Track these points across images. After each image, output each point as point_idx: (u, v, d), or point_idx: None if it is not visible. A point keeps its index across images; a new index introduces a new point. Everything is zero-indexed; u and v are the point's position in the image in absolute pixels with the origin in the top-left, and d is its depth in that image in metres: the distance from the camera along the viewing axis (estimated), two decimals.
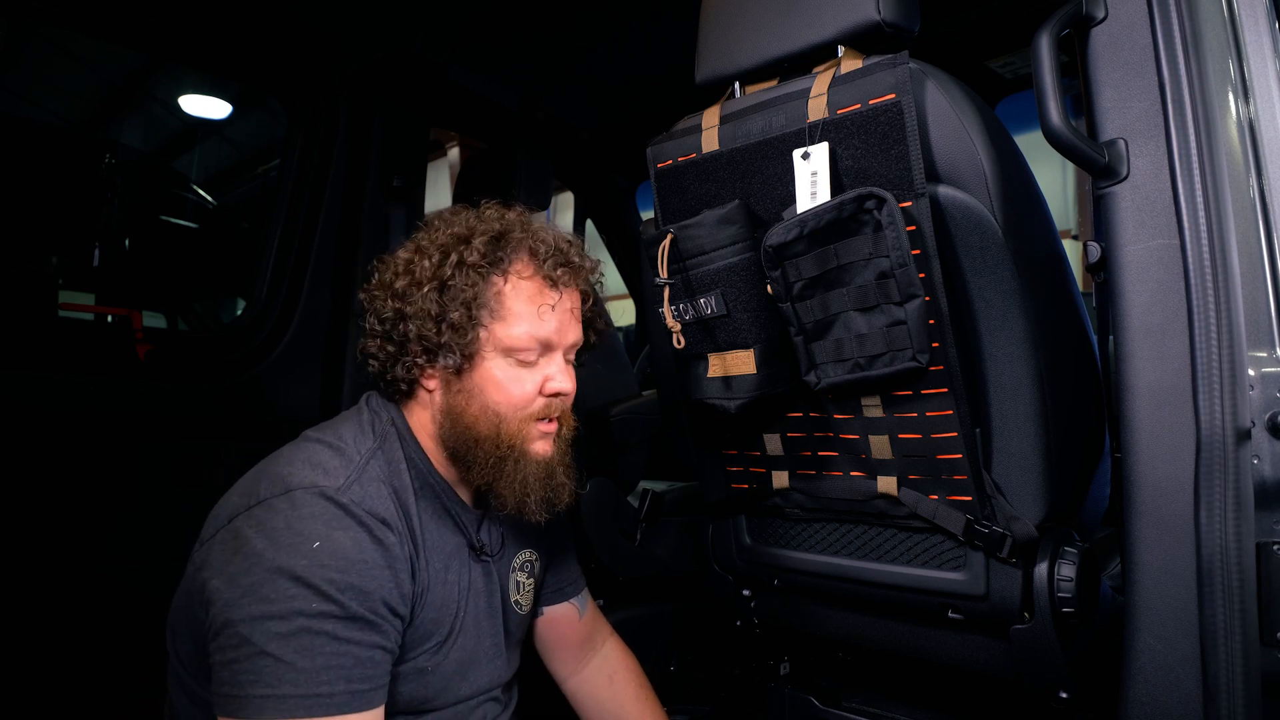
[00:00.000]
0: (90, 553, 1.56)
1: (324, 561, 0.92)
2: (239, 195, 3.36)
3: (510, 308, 1.06)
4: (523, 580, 1.26)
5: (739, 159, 1.22)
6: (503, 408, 1.07)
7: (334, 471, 1.01)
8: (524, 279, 1.08)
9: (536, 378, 1.09)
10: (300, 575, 0.90)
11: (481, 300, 1.05)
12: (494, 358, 1.07)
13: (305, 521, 0.95)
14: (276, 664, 0.88)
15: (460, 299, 1.04)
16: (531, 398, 1.09)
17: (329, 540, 0.94)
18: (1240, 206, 0.92)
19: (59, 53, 2.22)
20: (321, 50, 1.93)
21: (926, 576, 1.23)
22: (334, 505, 0.97)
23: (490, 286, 1.06)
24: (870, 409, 1.20)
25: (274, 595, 0.90)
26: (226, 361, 1.84)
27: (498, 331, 1.06)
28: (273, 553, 0.92)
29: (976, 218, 1.07)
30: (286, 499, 0.96)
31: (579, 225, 3.07)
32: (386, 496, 1.03)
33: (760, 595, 1.53)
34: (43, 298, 1.78)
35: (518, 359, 1.07)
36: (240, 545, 0.94)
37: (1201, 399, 0.87)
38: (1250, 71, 0.98)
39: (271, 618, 0.89)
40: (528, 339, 1.07)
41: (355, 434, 1.09)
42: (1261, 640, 0.87)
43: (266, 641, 0.88)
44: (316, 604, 0.90)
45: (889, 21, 1.09)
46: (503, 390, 1.07)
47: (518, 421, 1.08)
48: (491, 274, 1.06)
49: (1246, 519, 0.86)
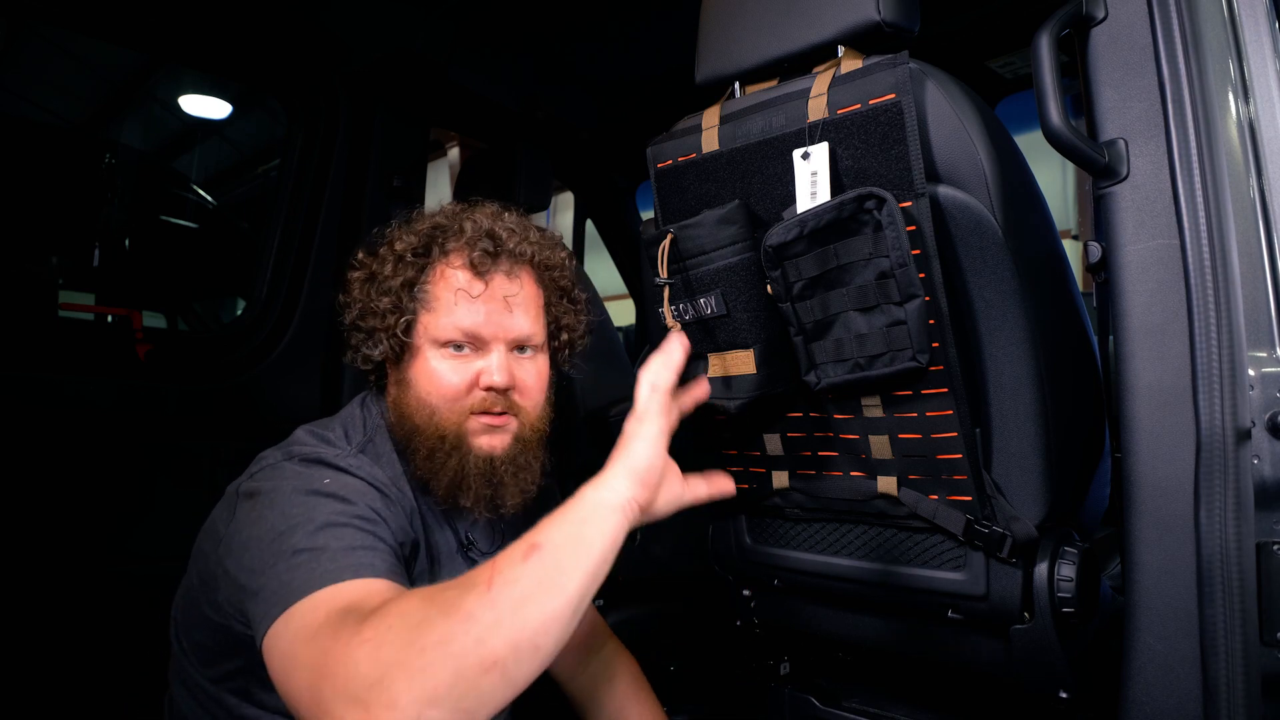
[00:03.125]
0: (91, 552, 1.56)
1: (337, 491, 0.94)
2: (239, 195, 3.36)
3: (437, 296, 1.08)
4: None
5: (739, 159, 1.22)
6: (434, 398, 1.07)
7: (334, 444, 1.04)
8: (453, 268, 1.09)
9: (469, 369, 1.08)
10: (318, 489, 0.93)
11: (413, 291, 1.07)
12: (427, 349, 1.08)
13: (313, 470, 0.98)
14: (311, 554, 0.86)
15: (390, 290, 1.07)
16: (463, 389, 1.07)
17: (338, 479, 0.97)
18: (1240, 206, 0.92)
19: (59, 53, 2.22)
20: (321, 50, 1.93)
21: (926, 576, 1.23)
22: (335, 469, 0.99)
23: (423, 277, 1.08)
24: (870, 409, 1.20)
25: (295, 509, 0.90)
26: (226, 361, 1.84)
27: (427, 322, 1.07)
28: (289, 484, 0.94)
29: (976, 218, 1.07)
30: (294, 461, 0.99)
31: (579, 225, 3.08)
32: (382, 478, 1.05)
33: (760, 595, 1.52)
34: (43, 298, 1.78)
35: (448, 352, 1.07)
36: (253, 492, 0.95)
37: (1201, 399, 0.87)
38: (1250, 71, 0.98)
39: (297, 526, 0.88)
40: (452, 329, 1.07)
41: (348, 427, 1.11)
42: (1261, 640, 0.87)
43: (299, 541, 0.87)
44: (338, 506, 0.92)
45: (889, 21, 1.09)
46: (433, 381, 1.07)
47: (453, 414, 1.07)
48: (425, 263, 1.08)
49: (1246, 519, 0.86)
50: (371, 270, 1.12)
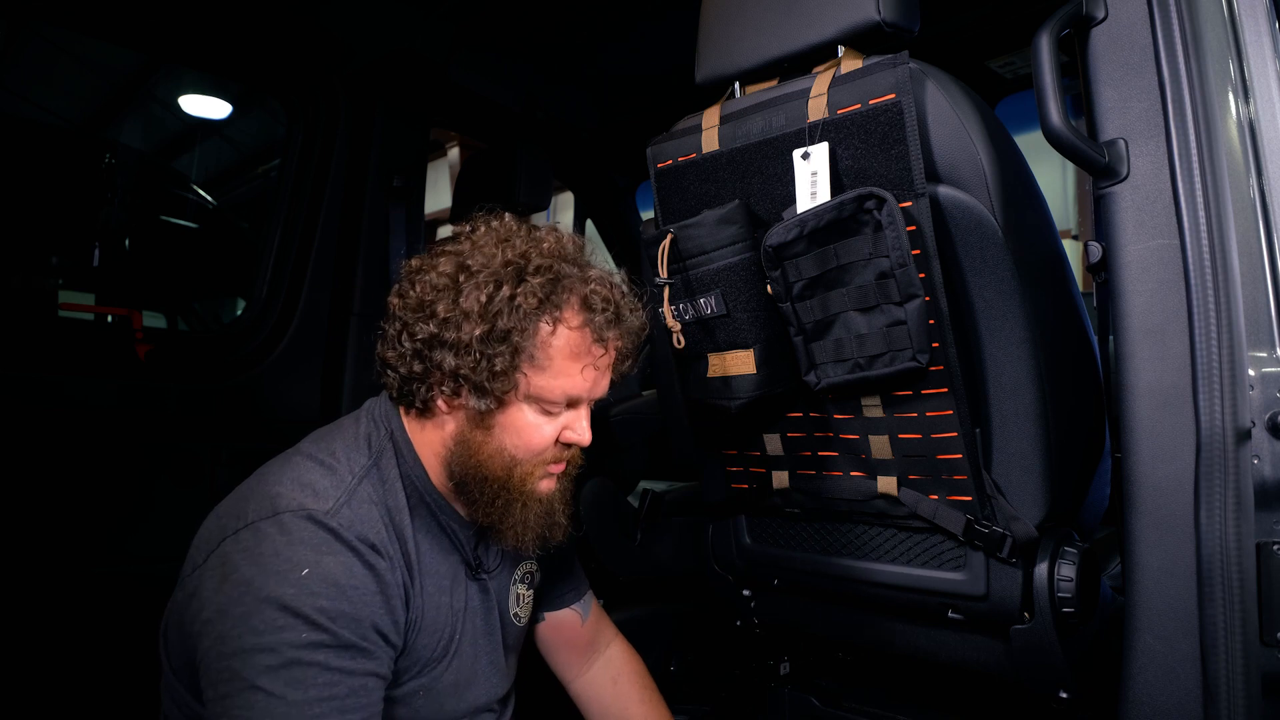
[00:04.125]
0: (90, 552, 1.56)
1: (314, 589, 0.89)
2: (239, 195, 3.36)
3: (553, 360, 1.00)
4: (522, 592, 1.24)
5: (739, 159, 1.22)
6: (520, 453, 1.04)
7: (324, 493, 0.97)
8: (572, 329, 1.01)
9: (557, 425, 1.05)
10: (289, 604, 0.88)
11: (526, 347, 0.99)
12: (521, 404, 1.02)
13: (294, 547, 0.91)
14: (268, 698, 0.85)
15: (508, 341, 0.98)
16: (548, 445, 1.05)
17: (318, 566, 0.91)
18: (1240, 206, 0.92)
19: (59, 53, 2.22)
20: (321, 50, 1.93)
21: (926, 576, 1.23)
22: (323, 529, 0.93)
23: (537, 333, 0.99)
24: (870, 409, 1.20)
25: (263, 626, 0.87)
26: (226, 361, 1.84)
27: (534, 379, 1.00)
28: (261, 580, 0.89)
29: (976, 218, 1.07)
30: (274, 523, 0.93)
31: (579, 225, 3.07)
32: (378, 519, 0.99)
33: (760, 595, 1.52)
34: (43, 298, 1.78)
35: (544, 408, 1.03)
36: (229, 572, 0.91)
37: (1201, 399, 0.87)
38: (1250, 71, 0.98)
39: (261, 650, 0.86)
40: (560, 393, 1.02)
41: (350, 448, 1.05)
42: (1261, 640, 0.87)
43: (257, 675, 0.86)
44: (307, 634, 0.88)
45: (889, 21, 1.09)
46: (523, 437, 1.03)
47: (533, 467, 1.05)
48: (539, 320, 0.99)
49: (1246, 519, 0.86)
50: (467, 307, 0.99)
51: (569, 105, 2.50)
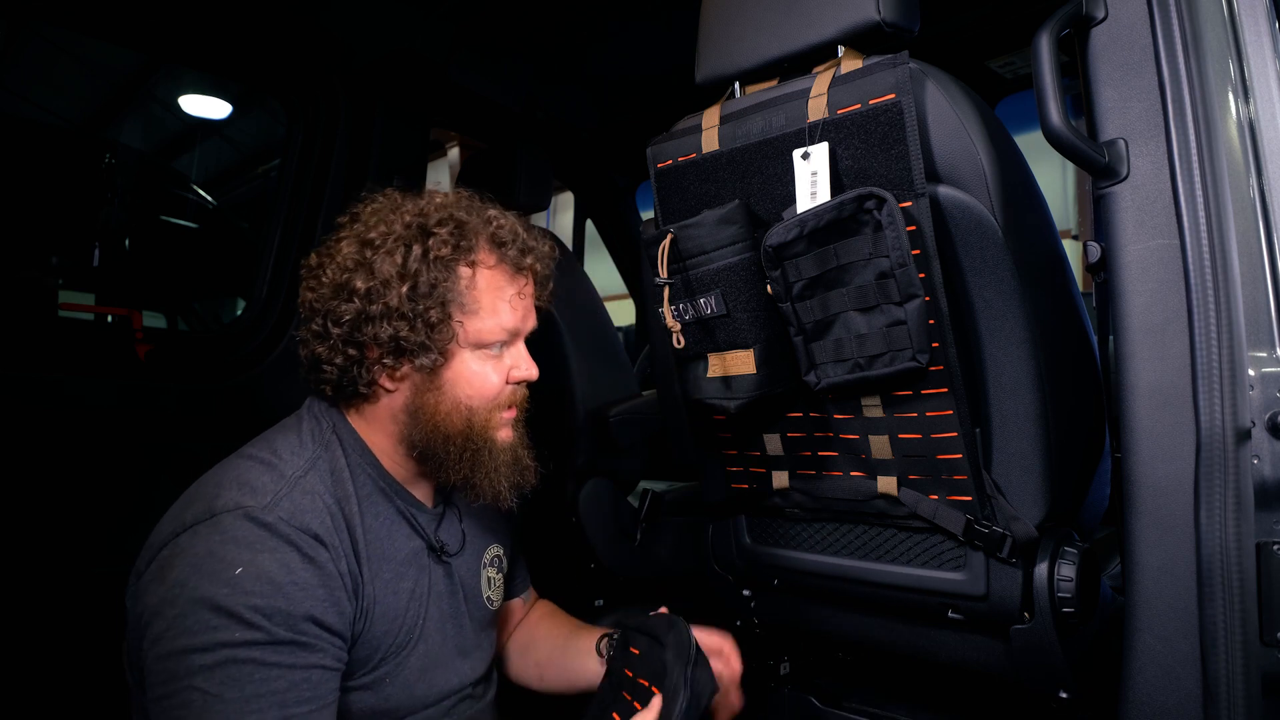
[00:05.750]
0: (90, 552, 1.56)
1: (247, 588, 0.89)
2: (239, 195, 3.36)
3: (481, 300, 1.04)
4: (493, 576, 1.25)
5: (739, 159, 1.22)
6: (475, 401, 1.05)
7: (261, 489, 0.96)
8: (490, 267, 1.05)
9: (503, 368, 1.07)
10: (221, 604, 0.87)
11: (452, 295, 1.02)
12: (465, 352, 1.04)
13: (227, 547, 0.91)
14: (204, 697, 0.86)
15: (434, 295, 1.00)
16: (499, 388, 1.07)
17: (253, 564, 0.90)
18: (1240, 206, 0.91)
19: (59, 53, 2.23)
20: (321, 50, 1.93)
21: (926, 576, 1.23)
22: (258, 526, 0.93)
23: (459, 280, 1.02)
24: (870, 409, 1.20)
25: (196, 627, 0.87)
26: (226, 361, 1.84)
27: (470, 325, 1.03)
28: (195, 581, 0.89)
29: (976, 218, 1.07)
30: (211, 524, 0.93)
31: (579, 225, 3.08)
32: (322, 510, 0.99)
33: (760, 595, 1.52)
34: (43, 298, 1.78)
35: (487, 353, 1.05)
36: (165, 575, 0.91)
37: (1201, 399, 0.87)
38: (1250, 71, 0.98)
39: (195, 650, 0.87)
40: (498, 330, 1.05)
41: (293, 446, 1.04)
42: (1261, 640, 0.87)
43: (192, 675, 0.86)
44: (240, 633, 0.88)
45: (889, 21, 1.09)
46: (474, 384, 1.05)
47: (487, 412, 1.07)
48: (458, 266, 1.02)
49: (1246, 519, 0.86)
50: (384, 274, 1.00)
51: (569, 105, 2.51)
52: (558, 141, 2.64)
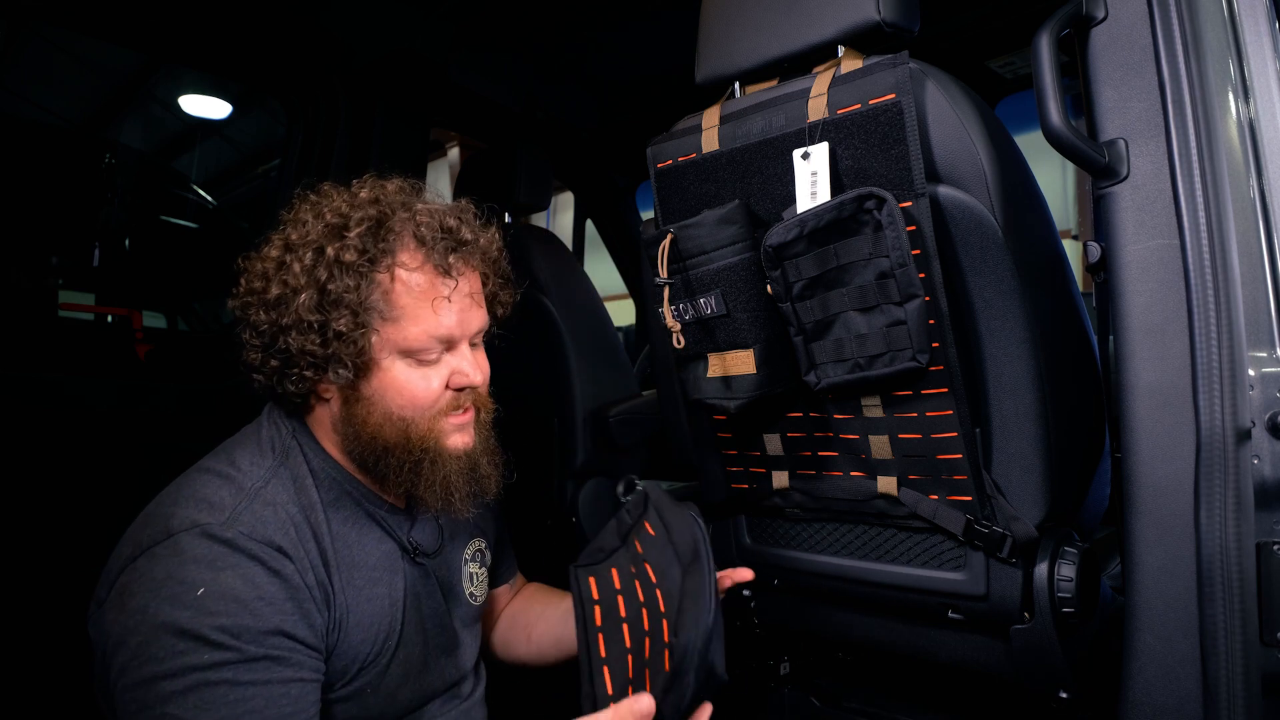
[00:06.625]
0: (90, 553, 1.56)
1: (211, 608, 0.85)
2: (239, 195, 3.36)
3: (402, 307, 0.95)
4: (475, 571, 1.21)
5: (739, 159, 1.22)
6: (408, 411, 0.98)
7: (219, 504, 0.93)
8: (411, 270, 0.96)
9: (442, 373, 1.00)
10: (186, 628, 0.84)
11: (368, 303, 0.94)
12: (390, 361, 0.97)
13: (187, 567, 0.87)
14: None
15: (343, 304, 0.93)
16: (438, 395, 1.00)
17: (215, 583, 0.87)
18: (1240, 206, 0.92)
19: (59, 53, 2.23)
20: (321, 50, 1.93)
21: (926, 576, 1.23)
22: (218, 543, 0.89)
23: (375, 286, 0.94)
24: (870, 409, 1.20)
25: (162, 654, 0.84)
26: (226, 361, 1.84)
27: (390, 334, 0.95)
28: (155, 607, 0.85)
29: (976, 218, 1.07)
30: (169, 545, 0.89)
31: (579, 225, 3.08)
32: (285, 521, 0.95)
33: (760, 595, 1.52)
34: (43, 298, 1.78)
35: (418, 359, 0.98)
36: (125, 602, 0.88)
37: (1201, 399, 0.87)
38: (1250, 71, 0.98)
39: (163, 677, 0.83)
40: (425, 338, 0.97)
41: (252, 456, 1.00)
42: (1261, 640, 0.87)
43: (164, 703, 0.83)
44: (208, 655, 0.84)
45: (889, 21, 1.09)
46: (405, 394, 0.98)
47: (427, 421, 1.00)
48: (374, 271, 0.94)
49: (1246, 519, 0.86)
50: (294, 283, 0.95)
51: (569, 105, 2.51)
52: (558, 141, 2.64)
